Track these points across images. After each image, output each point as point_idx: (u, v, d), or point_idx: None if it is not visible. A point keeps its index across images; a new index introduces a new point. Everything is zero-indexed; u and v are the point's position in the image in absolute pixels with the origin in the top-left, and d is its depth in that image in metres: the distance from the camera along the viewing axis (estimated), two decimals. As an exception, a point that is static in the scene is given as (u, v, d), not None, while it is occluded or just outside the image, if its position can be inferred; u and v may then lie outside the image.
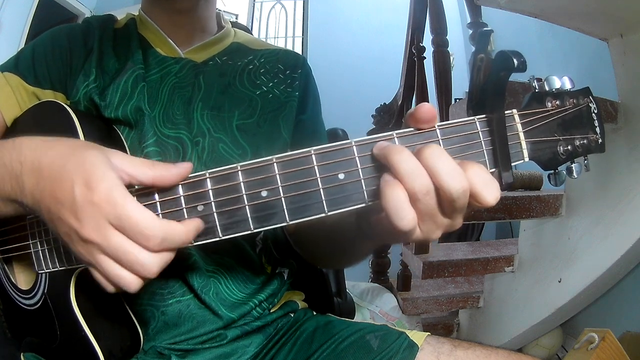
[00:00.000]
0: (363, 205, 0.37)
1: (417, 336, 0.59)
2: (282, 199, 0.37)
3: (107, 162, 0.36)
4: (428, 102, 1.70)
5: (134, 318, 0.53)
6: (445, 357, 0.56)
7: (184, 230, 0.36)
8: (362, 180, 0.36)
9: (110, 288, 0.37)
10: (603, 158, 1.27)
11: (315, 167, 0.36)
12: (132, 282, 0.36)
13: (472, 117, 0.38)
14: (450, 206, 0.35)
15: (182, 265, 0.58)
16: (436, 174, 0.33)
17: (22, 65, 0.62)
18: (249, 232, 0.37)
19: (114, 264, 0.36)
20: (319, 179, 0.36)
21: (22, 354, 0.57)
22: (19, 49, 0.66)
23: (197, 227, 0.37)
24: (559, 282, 1.37)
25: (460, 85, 1.62)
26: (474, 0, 1.48)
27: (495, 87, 0.37)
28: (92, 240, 0.35)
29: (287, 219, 0.37)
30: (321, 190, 0.36)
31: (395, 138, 0.37)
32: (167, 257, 0.37)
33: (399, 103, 1.92)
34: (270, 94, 0.67)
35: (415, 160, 0.34)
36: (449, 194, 0.33)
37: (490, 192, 0.34)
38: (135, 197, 0.37)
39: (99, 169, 0.35)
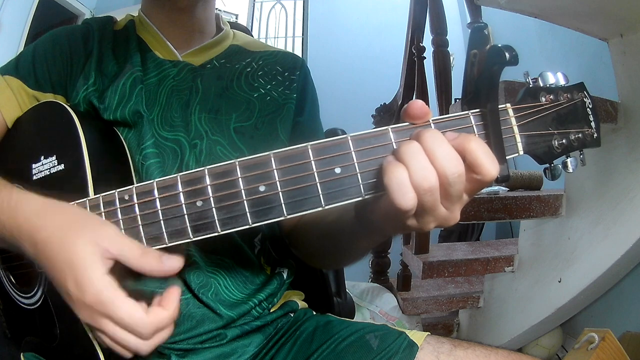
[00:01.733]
0: (360, 199, 0.37)
1: (417, 336, 0.59)
2: (280, 193, 0.37)
3: (94, 256, 0.39)
4: (428, 101, 1.70)
5: (133, 317, 0.53)
6: (445, 356, 0.56)
7: (170, 315, 0.41)
8: (359, 174, 0.37)
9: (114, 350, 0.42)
10: (603, 158, 1.27)
11: (312, 162, 0.37)
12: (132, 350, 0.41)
13: (466, 112, 0.38)
14: (446, 191, 0.35)
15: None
16: (433, 157, 0.34)
17: (23, 68, 0.62)
18: (248, 226, 0.38)
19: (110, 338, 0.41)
20: (315, 174, 0.37)
21: (22, 353, 0.57)
22: (19, 52, 0.66)
23: (177, 304, 0.42)
24: (559, 282, 1.37)
25: (460, 85, 1.61)
26: (474, 0, 1.48)
27: (489, 80, 0.37)
28: (89, 322, 0.40)
29: (285, 213, 0.37)
30: (318, 184, 0.37)
31: (390, 132, 0.37)
32: (163, 337, 0.42)
33: (399, 103, 1.92)
34: (268, 97, 0.68)
35: (418, 146, 0.35)
36: (445, 177, 0.34)
37: (491, 162, 0.35)
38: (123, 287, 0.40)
39: (86, 270, 0.39)
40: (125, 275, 0.56)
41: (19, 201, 0.43)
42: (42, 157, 0.52)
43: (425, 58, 1.75)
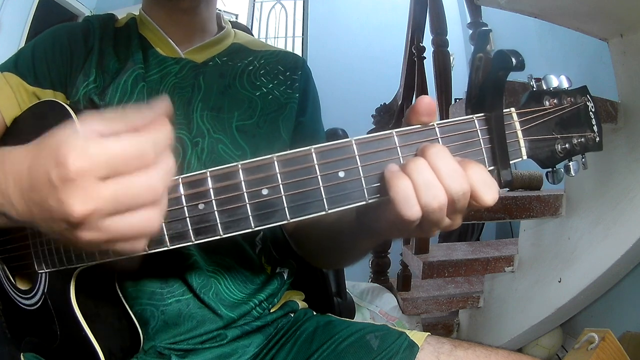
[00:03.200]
0: (363, 202, 0.37)
1: (417, 336, 0.59)
2: (283, 197, 0.37)
3: (72, 132, 0.32)
4: (428, 102, 1.70)
5: (134, 317, 0.53)
6: (445, 357, 0.56)
7: (163, 126, 0.33)
8: (362, 178, 0.37)
9: (140, 246, 0.34)
10: (603, 158, 1.27)
11: (316, 166, 0.37)
12: (152, 217, 0.33)
13: (471, 116, 0.38)
14: (450, 207, 0.35)
15: (182, 265, 0.58)
16: (438, 174, 0.34)
17: (22, 65, 0.62)
18: (250, 230, 0.37)
19: (124, 216, 0.32)
20: (319, 177, 0.37)
21: (22, 354, 0.57)
22: (19, 49, 0.66)
23: (166, 111, 0.34)
24: (559, 282, 1.37)
25: (460, 85, 1.62)
26: (474, 0, 1.48)
27: (494, 86, 0.37)
28: (88, 212, 0.31)
29: (288, 217, 0.37)
30: (321, 188, 0.37)
31: (395, 136, 0.37)
32: (168, 164, 0.33)
33: (399, 103, 1.92)
34: (270, 95, 0.67)
35: (425, 163, 0.35)
36: (450, 195, 0.34)
37: (489, 192, 0.35)
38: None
39: (64, 142, 0.31)
40: (127, 277, 0.56)
41: (4, 152, 0.37)
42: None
43: (425, 58, 1.75)
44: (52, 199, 0.31)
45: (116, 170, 0.31)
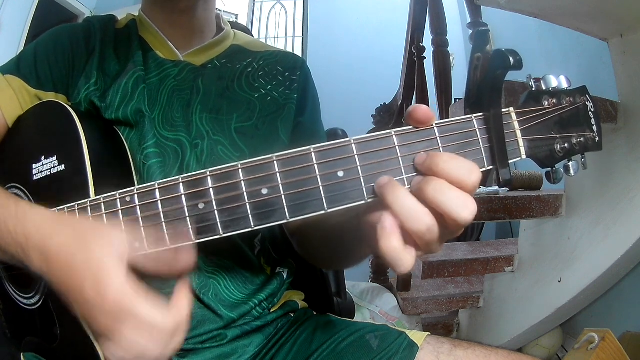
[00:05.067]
0: (362, 202, 0.37)
1: (417, 336, 0.59)
2: (283, 196, 0.37)
3: (113, 259, 0.37)
4: (428, 101, 1.70)
5: (134, 317, 0.53)
6: (445, 356, 0.56)
7: (187, 313, 0.40)
8: (362, 178, 0.37)
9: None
10: (603, 158, 1.27)
11: (315, 165, 0.37)
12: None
13: (470, 115, 0.38)
14: (421, 241, 0.35)
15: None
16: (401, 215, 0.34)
17: (24, 68, 0.62)
18: (250, 229, 0.37)
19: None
20: (318, 177, 0.37)
21: (22, 353, 0.57)
22: (20, 50, 0.66)
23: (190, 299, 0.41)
24: (559, 282, 1.37)
25: (460, 85, 1.62)
26: (474, 0, 1.48)
27: (492, 85, 0.37)
28: (103, 333, 0.37)
29: (288, 216, 0.37)
30: (321, 187, 0.37)
31: (394, 136, 0.37)
32: (180, 339, 0.39)
33: (399, 103, 1.92)
34: (269, 97, 0.68)
35: (411, 199, 0.35)
36: (414, 234, 0.34)
37: (463, 212, 0.34)
38: (142, 290, 0.38)
39: (107, 272, 0.36)
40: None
41: (28, 210, 0.42)
42: (43, 158, 0.52)
43: (425, 58, 1.74)
44: (80, 304, 0.37)
45: (137, 327, 0.36)
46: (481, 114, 0.38)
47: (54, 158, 0.51)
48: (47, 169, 0.52)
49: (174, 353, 0.39)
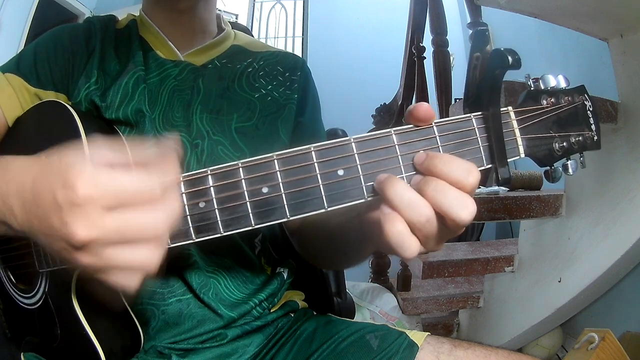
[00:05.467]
0: (362, 201, 0.37)
1: (417, 336, 0.59)
2: (283, 195, 0.37)
3: (82, 157, 0.33)
4: (428, 101, 1.70)
5: (134, 317, 0.53)
6: (445, 356, 0.56)
7: (173, 167, 0.34)
8: (361, 177, 0.37)
9: (134, 281, 0.34)
10: (603, 158, 1.27)
11: (315, 164, 0.37)
12: (151, 254, 0.33)
13: (468, 114, 0.38)
14: (419, 233, 0.35)
15: (182, 265, 0.58)
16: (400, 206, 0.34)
17: (24, 66, 0.62)
18: (250, 228, 0.38)
19: (125, 249, 0.32)
20: (318, 176, 0.37)
21: (22, 353, 0.57)
22: (20, 50, 0.66)
23: (176, 153, 0.35)
24: (559, 282, 1.37)
25: (460, 85, 1.62)
26: (474, 0, 1.48)
27: (491, 84, 0.37)
28: (90, 238, 0.31)
29: (288, 214, 0.37)
30: (321, 186, 0.37)
31: (393, 135, 0.37)
32: (174, 204, 0.34)
33: (399, 103, 1.92)
34: (269, 97, 0.68)
35: (411, 192, 0.35)
36: (412, 224, 0.35)
37: (462, 212, 0.34)
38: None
39: (74, 166, 0.32)
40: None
41: (8, 160, 0.38)
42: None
43: (425, 58, 1.75)
44: (56, 218, 0.32)
45: (123, 203, 0.32)
46: (480, 113, 0.38)
47: (55, 158, 0.51)
48: (48, 169, 0.52)
49: (169, 225, 0.34)
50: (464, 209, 0.34)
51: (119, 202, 0.32)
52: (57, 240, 0.33)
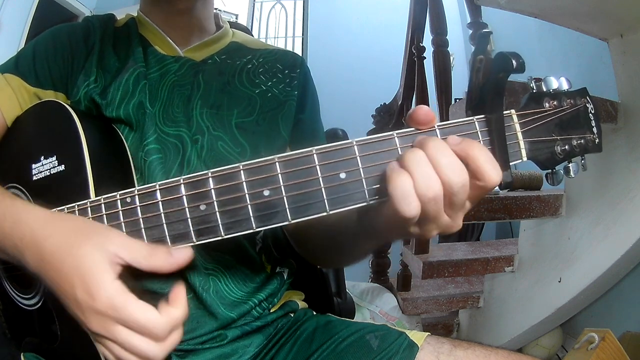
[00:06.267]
0: (364, 204, 0.37)
1: (417, 336, 0.59)
2: (284, 198, 0.37)
3: (103, 262, 0.38)
4: (428, 102, 1.70)
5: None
6: (445, 357, 0.56)
7: (182, 313, 0.40)
8: (363, 180, 0.37)
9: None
10: (603, 158, 1.27)
11: (317, 167, 0.37)
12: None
13: (471, 118, 0.38)
14: (448, 200, 0.35)
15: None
16: (437, 166, 0.34)
17: (23, 66, 0.62)
18: (252, 231, 0.37)
19: (122, 351, 0.39)
20: (320, 179, 0.37)
21: (22, 354, 0.57)
22: (19, 49, 0.66)
23: (186, 302, 0.41)
24: (559, 282, 1.37)
25: (460, 85, 1.62)
26: (474, 0, 1.48)
27: (494, 88, 0.37)
28: (102, 334, 0.38)
29: (289, 218, 0.37)
30: (323, 189, 0.37)
31: (396, 137, 0.37)
32: (176, 338, 0.40)
33: (399, 103, 1.92)
34: (269, 93, 0.68)
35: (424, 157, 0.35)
36: (449, 187, 0.35)
37: (493, 169, 0.35)
38: (134, 294, 0.39)
39: (96, 275, 0.38)
40: (129, 277, 0.56)
41: (23, 211, 0.43)
42: (42, 158, 0.52)
43: (425, 58, 1.74)
44: (74, 304, 0.39)
45: (132, 328, 0.38)
46: (483, 116, 0.38)
47: (54, 158, 0.51)
48: (47, 169, 0.52)
49: (173, 349, 0.40)
50: (495, 170, 0.35)
51: (129, 326, 0.38)
52: (69, 305, 0.40)
